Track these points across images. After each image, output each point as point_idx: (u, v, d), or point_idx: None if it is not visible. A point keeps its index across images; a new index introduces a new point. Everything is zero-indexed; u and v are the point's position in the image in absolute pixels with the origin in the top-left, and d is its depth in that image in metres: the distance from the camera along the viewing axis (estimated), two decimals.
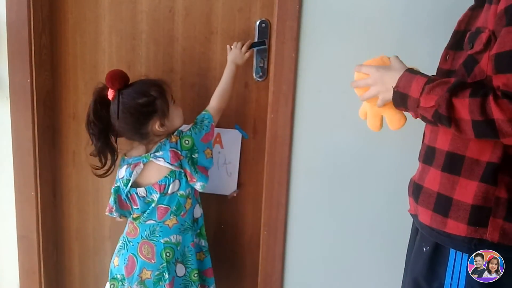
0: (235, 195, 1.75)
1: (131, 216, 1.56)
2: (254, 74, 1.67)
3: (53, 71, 1.75)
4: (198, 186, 1.50)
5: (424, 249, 1.08)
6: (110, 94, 1.45)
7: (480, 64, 0.97)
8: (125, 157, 1.55)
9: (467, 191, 1.00)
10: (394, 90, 1.05)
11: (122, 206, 1.55)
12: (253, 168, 1.75)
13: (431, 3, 1.48)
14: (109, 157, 1.52)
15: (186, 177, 1.49)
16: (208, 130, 1.52)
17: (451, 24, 1.17)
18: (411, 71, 1.05)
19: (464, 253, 1.02)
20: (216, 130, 1.67)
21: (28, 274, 1.83)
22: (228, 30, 1.66)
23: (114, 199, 1.52)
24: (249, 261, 1.84)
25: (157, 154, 1.47)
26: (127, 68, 1.69)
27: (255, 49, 1.64)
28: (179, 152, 1.47)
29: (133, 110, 1.44)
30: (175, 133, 1.50)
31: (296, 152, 1.63)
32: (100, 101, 1.48)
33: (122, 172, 1.51)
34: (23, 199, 1.77)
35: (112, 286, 1.59)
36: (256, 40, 1.64)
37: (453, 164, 1.02)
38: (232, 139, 1.72)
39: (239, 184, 1.75)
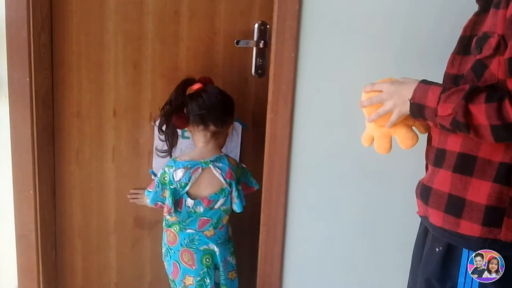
0: None
1: (167, 220, 1.64)
2: (253, 71, 1.77)
3: (54, 69, 1.75)
4: (235, 207, 1.62)
5: (437, 249, 1.08)
6: (197, 86, 1.60)
7: (490, 68, 0.97)
8: (177, 159, 1.61)
9: (480, 191, 1.00)
10: (410, 102, 1.05)
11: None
12: (252, 164, 1.79)
13: (432, 4, 1.48)
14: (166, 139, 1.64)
15: (231, 194, 1.61)
16: (251, 185, 1.70)
17: (452, 27, 1.17)
18: (425, 82, 1.06)
19: None
20: None
21: (26, 273, 1.82)
22: (230, 31, 1.75)
23: (172, 201, 1.56)
24: (247, 260, 1.84)
25: (216, 163, 1.59)
26: (133, 66, 1.77)
27: (254, 48, 1.76)
28: (233, 173, 1.60)
29: (230, 99, 1.64)
30: (231, 158, 1.66)
31: (295, 152, 1.63)
32: (183, 89, 1.62)
33: (179, 174, 1.57)
34: (22, 198, 1.76)
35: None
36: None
37: (465, 165, 1.02)
38: (233, 130, 1.77)
39: None
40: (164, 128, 1.62)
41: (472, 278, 1.02)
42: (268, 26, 1.73)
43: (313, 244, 1.70)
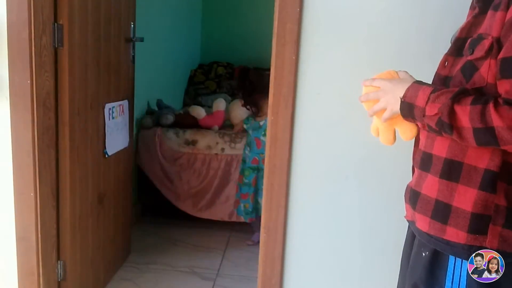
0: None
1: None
2: (130, 60, 2.41)
3: (64, 72, 1.79)
4: None
5: (423, 254, 1.08)
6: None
7: (480, 71, 0.96)
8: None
9: (466, 198, 0.99)
10: (401, 101, 1.05)
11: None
12: None
13: (432, 7, 1.49)
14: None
15: None
16: None
17: (453, 29, 1.17)
18: (419, 82, 1.06)
19: (463, 260, 1.01)
20: (121, 102, 2.33)
21: (27, 275, 1.82)
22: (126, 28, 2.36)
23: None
24: None
25: None
26: (97, 65, 2.04)
27: (131, 42, 2.40)
28: None
29: None
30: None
31: (296, 154, 1.63)
32: (244, 76, 2.96)
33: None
34: (22, 200, 1.76)
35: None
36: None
37: (452, 171, 1.02)
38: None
39: None
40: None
41: (459, 282, 1.01)
42: (133, 25, 2.43)
43: (313, 246, 1.70)
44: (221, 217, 2.99)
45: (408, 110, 1.04)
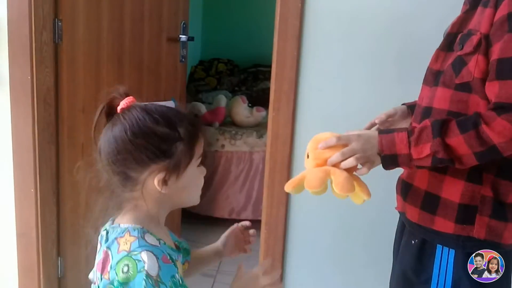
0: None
1: None
2: (179, 60, 2.31)
3: (64, 68, 1.79)
4: None
5: (413, 241, 1.10)
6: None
7: (468, 65, 0.98)
8: None
9: (454, 189, 1.02)
10: (381, 155, 1.02)
11: None
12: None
13: (434, 4, 1.48)
14: None
15: None
16: None
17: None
18: (383, 132, 1.03)
19: (451, 248, 1.03)
20: (162, 103, 2.05)
21: (27, 271, 1.82)
22: (168, 29, 2.22)
23: None
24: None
25: None
26: (118, 61, 1.99)
27: (180, 42, 2.26)
28: None
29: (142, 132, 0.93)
30: None
31: (297, 150, 1.63)
32: None
33: None
34: (23, 197, 1.76)
35: None
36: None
37: None
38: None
39: None
40: None
41: (446, 269, 1.03)
42: (185, 24, 2.27)
43: (314, 242, 1.70)
44: (221, 214, 2.98)
45: (391, 161, 1.02)
